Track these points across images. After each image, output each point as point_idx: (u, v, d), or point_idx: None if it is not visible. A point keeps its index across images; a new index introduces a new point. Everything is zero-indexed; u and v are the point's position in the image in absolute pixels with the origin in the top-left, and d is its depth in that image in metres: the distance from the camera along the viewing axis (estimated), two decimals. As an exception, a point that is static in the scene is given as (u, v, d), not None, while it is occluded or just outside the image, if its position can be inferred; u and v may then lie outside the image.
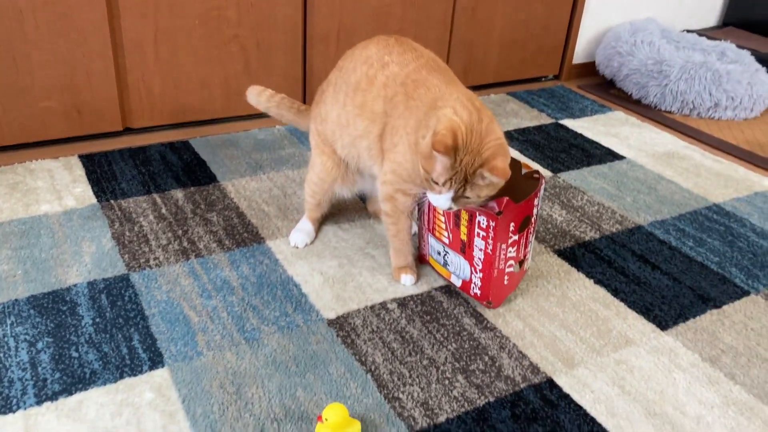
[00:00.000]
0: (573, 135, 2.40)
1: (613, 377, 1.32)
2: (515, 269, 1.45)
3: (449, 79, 1.39)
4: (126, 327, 1.36)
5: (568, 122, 2.51)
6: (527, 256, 1.50)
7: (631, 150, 2.31)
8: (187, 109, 2.24)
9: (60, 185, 1.85)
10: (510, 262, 1.42)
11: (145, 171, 1.96)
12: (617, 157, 2.25)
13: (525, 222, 1.41)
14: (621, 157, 2.25)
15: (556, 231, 1.80)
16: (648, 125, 2.54)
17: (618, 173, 2.14)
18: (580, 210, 1.91)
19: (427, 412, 1.21)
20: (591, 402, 1.26)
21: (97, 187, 1.85)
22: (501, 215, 1.32)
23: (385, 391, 1.25)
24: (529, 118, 2.52)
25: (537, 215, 1.46)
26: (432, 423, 1.19)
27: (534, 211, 1.43)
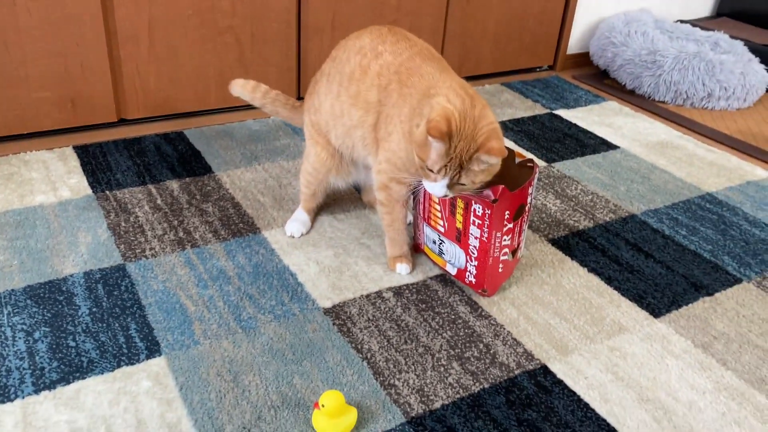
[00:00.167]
0: (567, 125, 2.41)
1: (607, 364, 1.34)
2: (509, 258, 1.46)
3: (443, 68, 1.40)
4: (123, 316, 1.37)
5: (563, 112, 2.52)
6: (520, 245, 1.51)
7: (625, 140, 2.32)
8: (182, 100, 2.24)
9: (55, 176, 1.85)
10: (504, 250, 1.43)
11: (140, 162, 1.96)
12: (611, 147, 2.26)
13: (519, 210, 1.42)
14: (615, 147, 2.26)
15: (551, 220, 1.81)
16: (642, 115, 2.55)
17: (612, 163, 2.15)
18: (574, 199, 1.92)
19: (423, 399, 1.23)
20: (584, 388, 1.28)
21: (92, 178, 1.85)
22: (496, 203, 1.32)
23: (381, 378, 1.26)
24: (524, 109, 2.53)
25: (531, 204, 1.47)
26: (427, 409, 1.20)
27: (528, 200, 1.44)
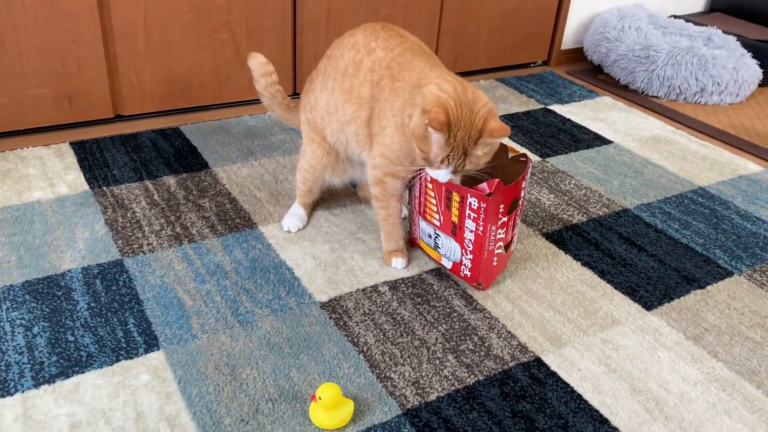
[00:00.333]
0: (561, 120, 2.42)
1: (600, 356, 1.36)
2: (502, 251, 1.48)
3: (433, 63, 1.42)
4: (121, 311, 1.38)
5: (557, 107, 2.53)
6: (513, 239, 1.52)
7: (619, 134, 2.34)
8: (178, 96, 2.24)
9: (52, 172, 1.86)
10: (499, 244, 1.45)
11: (137, 158, 1.96)
12: (605, 142, 2.28)
13: (513, 204, 1.43)
14: (608, 142, 2.28)
15: (544, 214, 1.83)
16: (635, 110, 2.57)
17: (605, 157, 2.17)
18: (568, 194, 1.94)
19: (419, 391, 1.24)
20: (578, 380, 1.29)
21: (89, 174, 1.86)
22: (492, 197, 1.34)
23: (377, 371, 1.28)
24: (518, 104, 2.54)
25: (524, 198, 1.49)
26: (423, 401, 1.22)
27: (521, 194, 1.46)
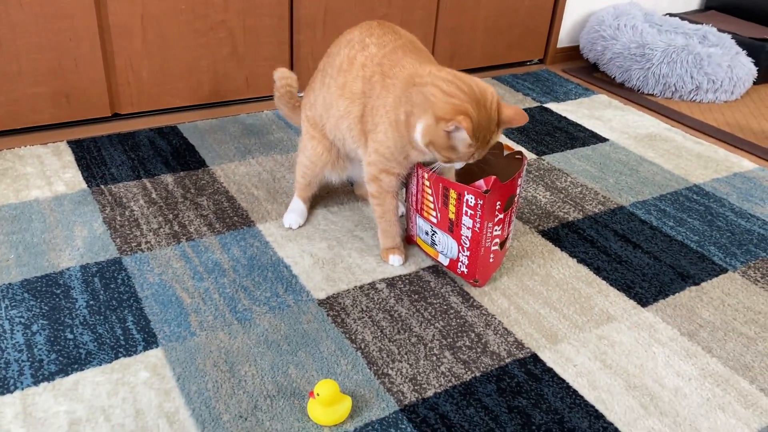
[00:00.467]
0: (557, 118, 2.43)
1: (595, 352, 1.37)
2: (498, 248, 1.49)
3: (424, 59, 1.44)
4: (120, 309, 1.39)
5: (553, 105, 2.54)
6: (509, 236, 1.54)
7: (614, 132, 2.35)
8: (175, 95, 2.25)
9: (50, 171, 1.86)
10: (495, 240, 1.46)
11: (135, 156, 1.97)
12: (600, 140, 2.29)
13: (509, 201, 1.45)
14: (604, 140, 2.29)
15: (540, 212, 1.84)
16: (631, 108, 2.58)
17: (601, 155, 2.18)
18: (564, 191, 1.95)
19: (416, 387, 1.25)
20: (573, 376, 1.31)
21: (87, 173, 1.86)
22: (488, 194, 1.35)
23: (375, 368, 1.29)
24: (514, 102, 2.55)
25: (519, 195, 1.50)
26: (420, 397, 1.23)
27: (517, 191, 1.47)
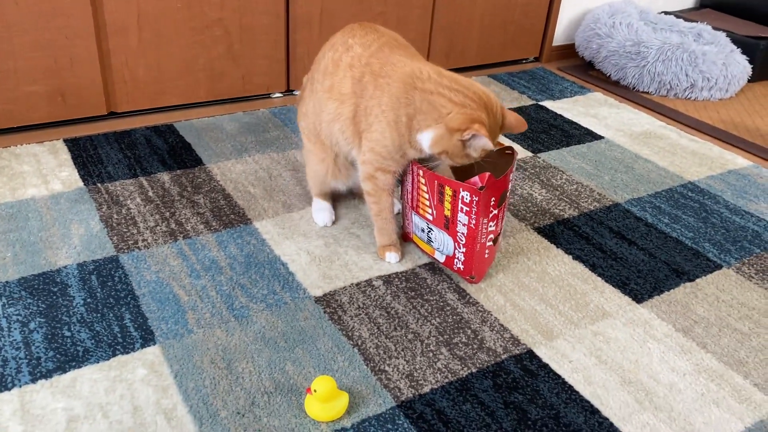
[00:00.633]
0: (553, 116, 2.44)
1: (591, 348, 1.38)
2: (492, 244, 1.50)
3: (411, 54, 1.44)
4: (117, 306, 1.39)
5: (548, 103, 2.55)
6: (501, 232, 1.54)
7: (610, 130, 2.36)
8: (171, 93, 2.25)
9: (46, 169, 1.86)
10: (490, 236, 1.46)
11: (131, 154, 1.97)
12: (596, 137, 2.30)
13: (503, 197, 1.45)
14: (599, 137, 2.30)
15: (536, 209, 1.85)
16: (626, 106, 2.59)
17: (596, 153, 2.19)
18: (560, 189, 1.96)
19: (412, 383, 1.26)
20: (569, 371, 1.31)
21: (84, 171, 1.87)
22: (484, 190, 1.36)
23: (372, 364, 1.29)
24: (510, 100, 2.56)
25: (510, 190, 1.52)
26: (417, 393, 1.24)
27: (509, 186, 1.48)
